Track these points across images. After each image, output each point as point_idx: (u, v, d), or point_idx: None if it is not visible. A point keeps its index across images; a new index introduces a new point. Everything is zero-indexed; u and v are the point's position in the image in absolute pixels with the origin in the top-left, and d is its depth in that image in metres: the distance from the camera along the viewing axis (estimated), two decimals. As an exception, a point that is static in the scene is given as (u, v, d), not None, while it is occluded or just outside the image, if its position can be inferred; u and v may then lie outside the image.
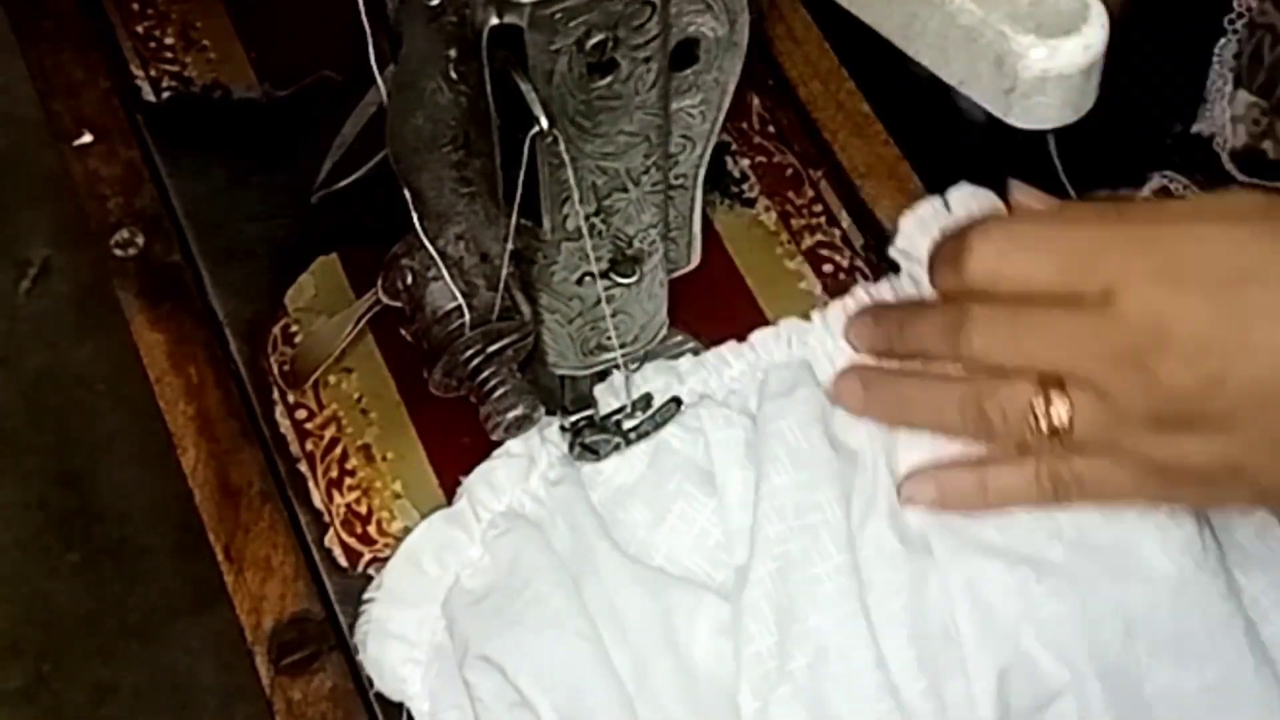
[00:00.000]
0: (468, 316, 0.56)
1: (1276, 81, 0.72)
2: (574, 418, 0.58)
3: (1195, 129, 0.75)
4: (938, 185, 0.67)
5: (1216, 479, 0.53)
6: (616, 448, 0.59)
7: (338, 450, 0.62)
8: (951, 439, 0.57)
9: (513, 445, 0.59)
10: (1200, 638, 0.55)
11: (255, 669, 0.58)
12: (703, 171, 0.54)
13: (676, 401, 0.59)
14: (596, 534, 0.56)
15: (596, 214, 0.50)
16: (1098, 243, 0.52)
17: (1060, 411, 0.52)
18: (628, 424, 0.59)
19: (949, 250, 0.55)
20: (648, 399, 0.59)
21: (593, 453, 0.58)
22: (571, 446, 0.58)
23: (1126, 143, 0.76)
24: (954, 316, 0.54)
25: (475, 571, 0.57)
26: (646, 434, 0.59)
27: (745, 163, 0.68)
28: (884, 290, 0.61)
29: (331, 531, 0.60)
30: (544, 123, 0.47)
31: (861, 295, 0.61)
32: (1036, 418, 0.53)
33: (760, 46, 0.70)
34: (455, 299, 0.56)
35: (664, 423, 0.59)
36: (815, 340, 0.60)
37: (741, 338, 0.61)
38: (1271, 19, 0.71)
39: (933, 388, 0.57)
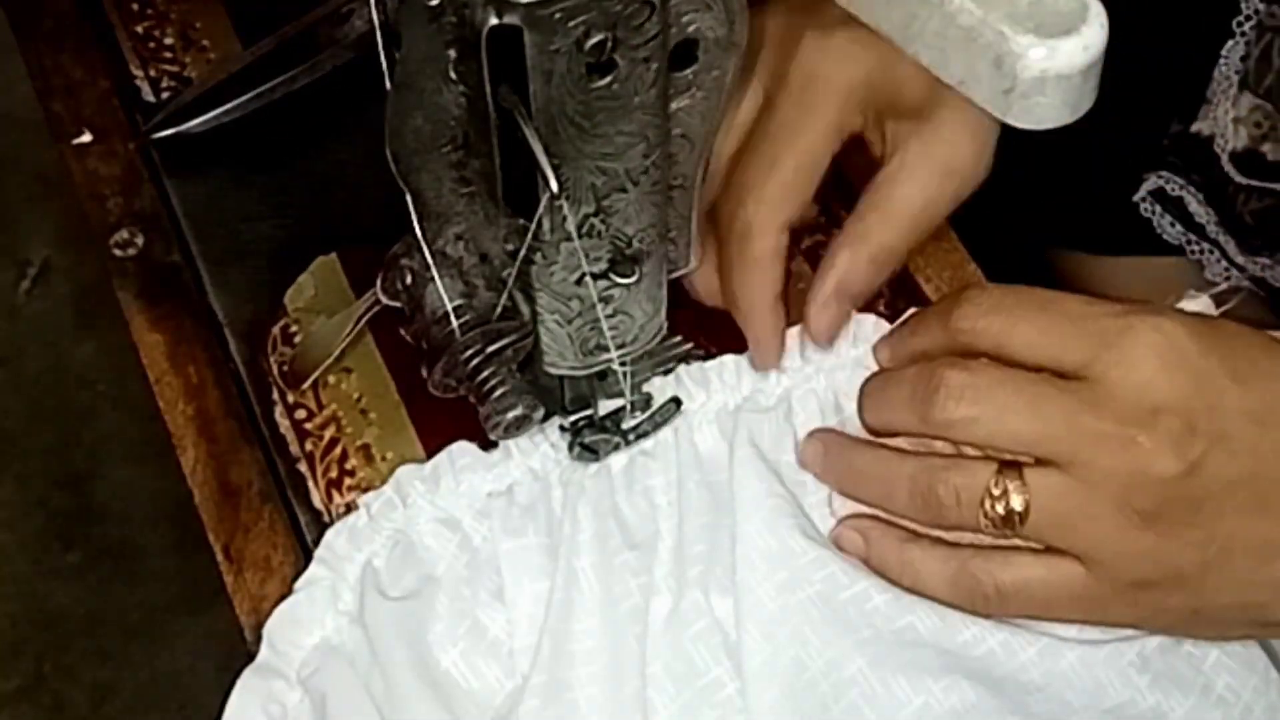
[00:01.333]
0: (455, 321, 0.56)
1: (1271, 80, 0.72)
2: (573, 418, 0.58)
3: (1195, 128, 0.75)
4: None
5: (1158, 585, 0.51)
6: (616, 447, 0.59)
7: (337, 450, 0.62)
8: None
9: (316, 570, 0.57)
10: None
11: (255, 669, 0.58)
12: (702, 171, 0.54)
13: (676, 402, 0.59)
14: (404, 666, 0.55)
15: (596, 214, 0.50)
16: (1086, 314, 0.51)
17: (1016, 501, 0.51)
18: (627, 424, 0.59)
19: (940, 307, 0.55)
20: (647, 399, 0.59)
21: (592, 453, 0.58)
22: (571, 447, 0.58)
23: (1124, 142, 0.76)
24: (925, 379, 0.53)
25: (297, 716, 0.56)
26: (645, 434, 0.59)
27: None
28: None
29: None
30: (554, 186, 0.47)
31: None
32: (991, 505, 0.51)
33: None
34: (455, 299, 0.56)
35: (663, 423, 0.59)
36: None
37: (741, 338, 0.61)
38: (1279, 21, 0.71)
39: (885, 461, 0.55)
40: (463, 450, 0.58)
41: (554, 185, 0.47)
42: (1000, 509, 0.51)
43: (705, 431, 0.59)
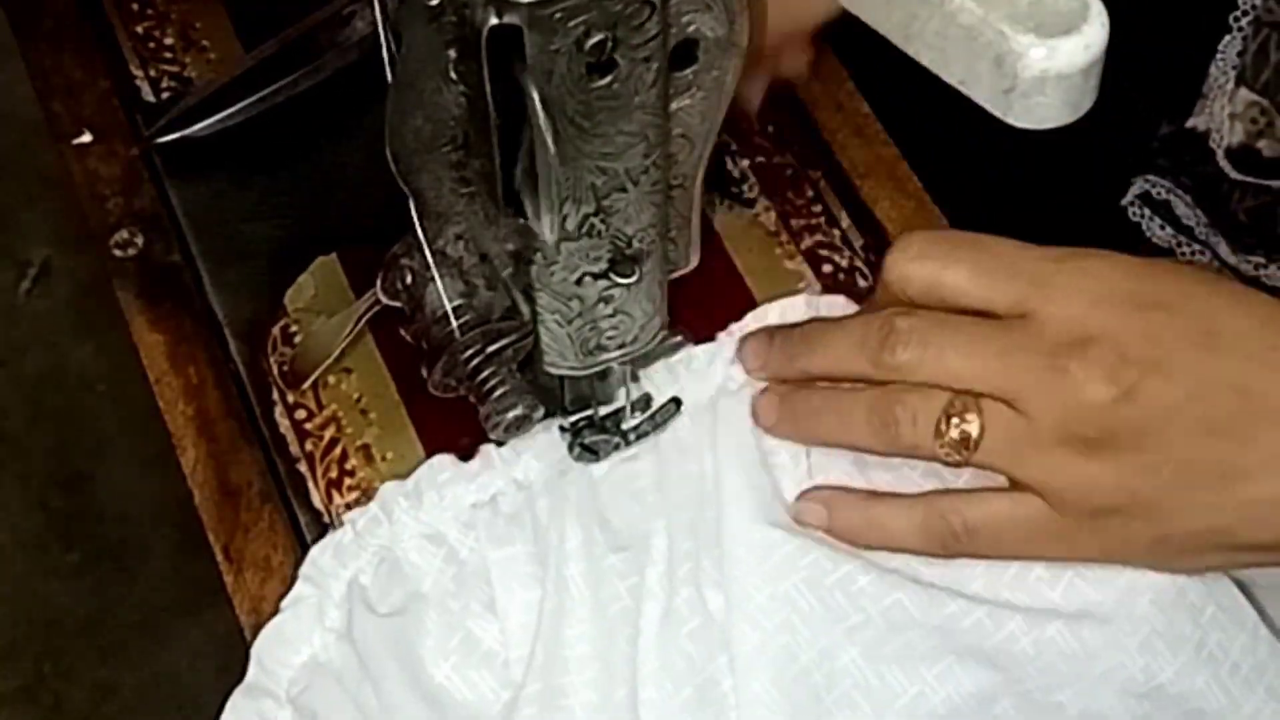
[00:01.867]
0: (455, 321, 0.56)
1: (1274, 81, 0.72)
2: (573, 418, 0.58)
3: (1191, 124, 0.75)
4: (937, 185, 0.67)
5: (1119, 512, 0.51)
6: (616, 448, 0.59)
7: (337, 450, 0.62)
8: (860, 457, 0.56)
9: (302, 588, 0.57)
10: None
11: (255, 669, 0.58)
12: (702, 171, 0.54)
13: (676, 402, 0.59)
14: (397, 681, 0.55)
15: (596, 214, 0.50)
16: (1017, 256, 0.52)
17: (971, 425, 0.51)
18: (627, 424, 0.59)
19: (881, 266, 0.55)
20: (647, 399, 0.59)
21: (592, 453, 0.58)
22: (571, 447, 0.58)
23: (1113, 144, 0.76)
24: (876, 328, 0.53)
25: None
26: (646, 434, 0.59)
27: (745, 163, 0.68)
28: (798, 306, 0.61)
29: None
30: (552, 148, 0.47)
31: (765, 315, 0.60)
32: (946, 427, 0.52)
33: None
34: (455, 299, 0.56)
35: (664, 423, 0.59)
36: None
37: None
38: (1278, 17, 0.71)
39: (842, 395, 0.56)
40: (442, 464, 0.58)
41: (551, 147, 0.47)
42: (956, 433, 0.52)
43: (683, 425, 0.59)
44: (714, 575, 0.55)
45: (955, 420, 0.52)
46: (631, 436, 0.59)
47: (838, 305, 0.61)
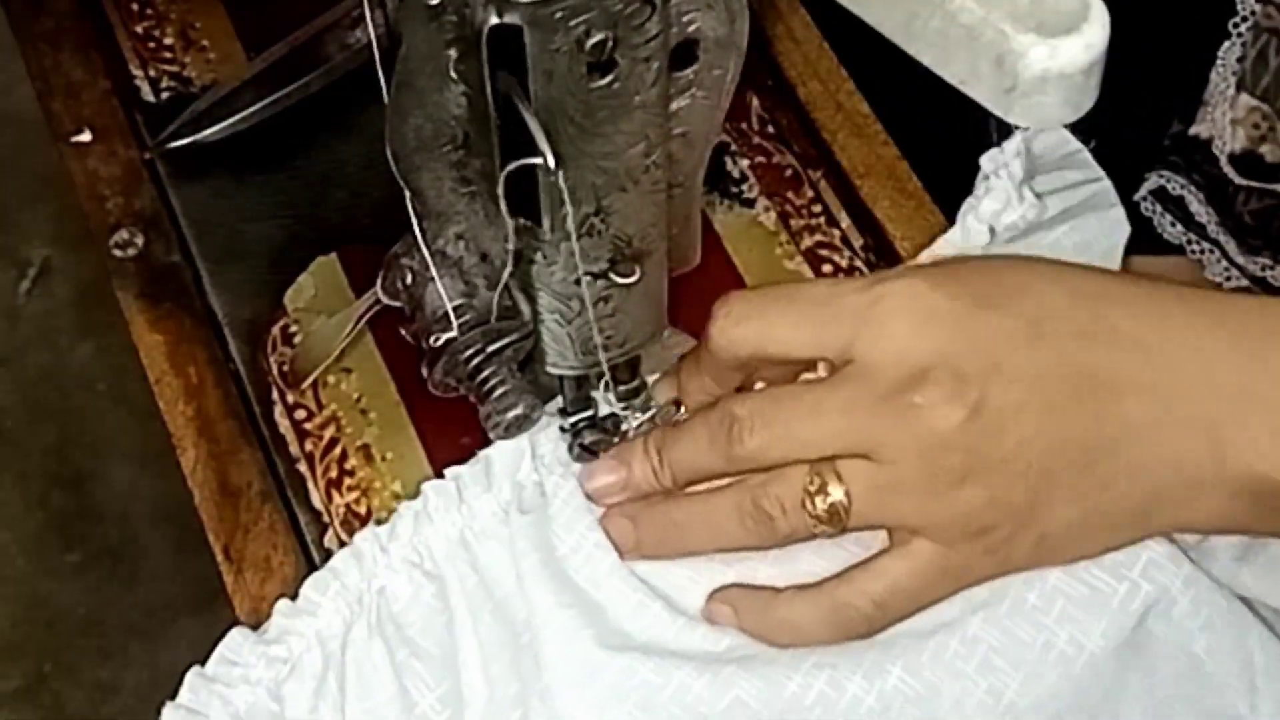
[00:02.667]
0: (455, 321, 0.56)
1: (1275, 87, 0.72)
2: (573, 418, 0.58)
3: (1193, 131, 0.75)
4: (937, 185, 0.67)
5: (998, 527, 0.51)
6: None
7: (337, 450, 0.62)
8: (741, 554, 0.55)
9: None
10: None
11: (255, 669, 0.58)
12: (703, 171, 0.54)
13: (676, 404, 0.59)
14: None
15: (596, 214, 0.50)
16: (831, 298, 0.52)
17: (836, 493, 0.51)
18: (627, 425, 0.58)
19: (694, 351, 0.55)
20: (647, 400, 0.59)
21: (591, 453, 0.58)
22: (571, 448, 0.58)
23: (1124, 141, 0.76)
24: (717, 423, 0.52)
25: None
26: (645, 434, 0.58)
27: (745, 163, 0.68)
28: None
29: (331, 531, 0.60)
30: (551, 162, 0.47)
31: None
32: (813, 504, 0.51)
33: (760, 46, 0.70)
34: (455, 299, 0.56)
35: (664, 424, 0.59)
36: None
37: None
38: (1277, 23, 0.71)
39: (704, 501, 0.54)
40: (239, 637, 0.58)
41: (550, 161, 0.47)
42: (823, 504, 0.51)
43: (486, 547, 0.57)
44: (543, 712, 0.53)
45: (818, 495, 0.51)
46: (631, 436, 0.58)
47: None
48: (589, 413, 0.58)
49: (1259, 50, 0.72)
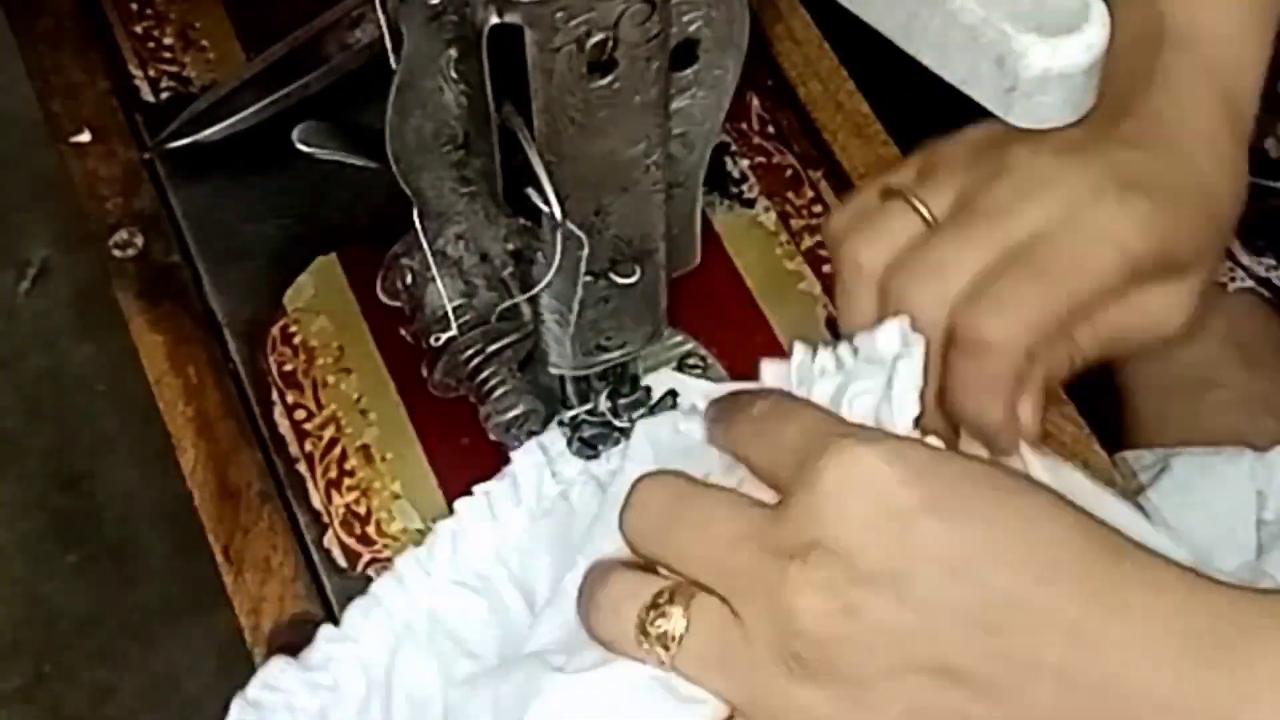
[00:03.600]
0: (455, 321, 0.56)
1: (1274, 80, 0.72)
2: (572, 413, 0.58)
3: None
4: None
5: None
6: (615, 442, 0.58)
7: (337, 450, 0.62)
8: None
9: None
10: None
11: (255, 670, 0.58)
12: (703, 171, 0.54)
13: (672, 394, 0.59)
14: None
15: (596, 214, 0.50)
16: (810, 430, 0.45)
17: (674, 622, 0.44)
18: (624, 420, 0.58)
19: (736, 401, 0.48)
20: (646, 392, 0.59)
21: (591, 448, 0.58)
22: (570, 442, 0.58)
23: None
24: (632, 493, 0.46)
25: None
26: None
27: (745, 163, 0.68)
28: None
29: (330, 532, 0.60)
30: (558, 213, 0.47)
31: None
32: (652, 619, 0.44)
33: (760, 47, 0.70)
34: (455, 299, 0.56)
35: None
36: None
37: (741, 338, 0.61)
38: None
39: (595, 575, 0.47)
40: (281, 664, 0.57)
41: (558, 213, 0.47)
42: (655, 627, 0.44)
43: (522, 559, 0.57)
44: None
45: (657, 613, 0.44)
46: (630, 431, 0.58)
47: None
48: (588, 407, 0.58)
49: None
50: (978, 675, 0.41)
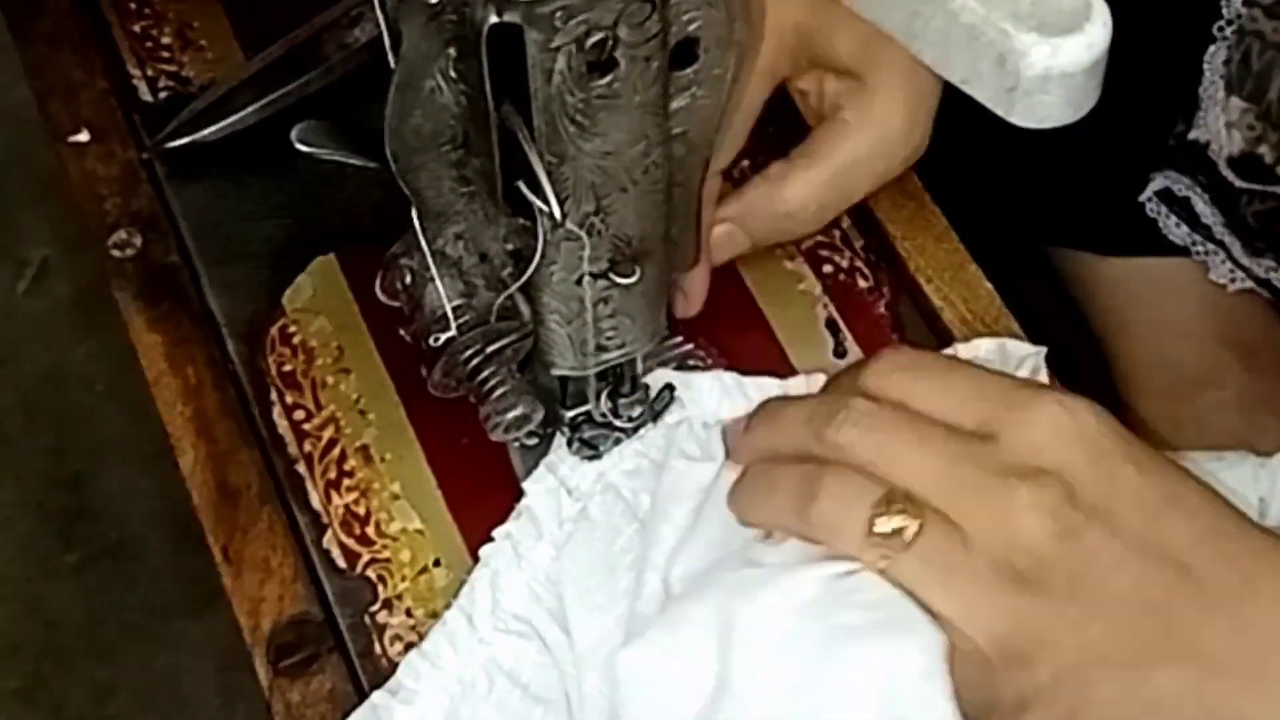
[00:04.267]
0: (454, 321, 0.56)
1: (1265, 88, 0.72)
2: (572, 413, 0.58)
3: (1192, 136, 0.75)
4: (937, 185, 0.67)
5: (1032, 665, 0.47)
6: (616, 442, 0.58)
7: (336, 451, 0.62)
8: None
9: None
10: None
11: (254, 670, 0.58)
12: (703, 172, 0.54)
13: (670, 388, 0.59)
14: None
15: (596, 214, 0.50)
16: (996, 381, 0.50)
17: (910, 523, 0.48)
18: (624, 419, 0.58)
19: (850, 369, 0.53)
20: (645, 389, 0.59)
21: (592, 448, 0.58)
22: (570, 443, 0.58)
23: (1129, 141, 0.76)
24: (834, 404, 0.50)
25: None
26: (644, 422, 0.58)
27: (745, 163, 0.68)
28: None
29: (330, 532, 0.60)
30: (558, 214, 0.47)
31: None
32: (882, 517, 0.48)
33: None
34: (454, 299, 0.56)
35: (660, 413, 0.59)
36: None
37: (741, 338, 0.61)
38: (1260, 25, 0.71)
39: (776, 471, 0.52)
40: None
41: (558, 213, 0.47)
42: (890, 525, 0.48)
43: (556, 591, 0.57)
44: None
45: (891, 510, 0.48)
46: (631, 430, 0.58)
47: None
48: (587, 408, 0.58)
49: (1243, 53, 0.72)
50: (1167, 608, 0.46)
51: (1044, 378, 0.58)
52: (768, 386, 0.58)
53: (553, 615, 0.56)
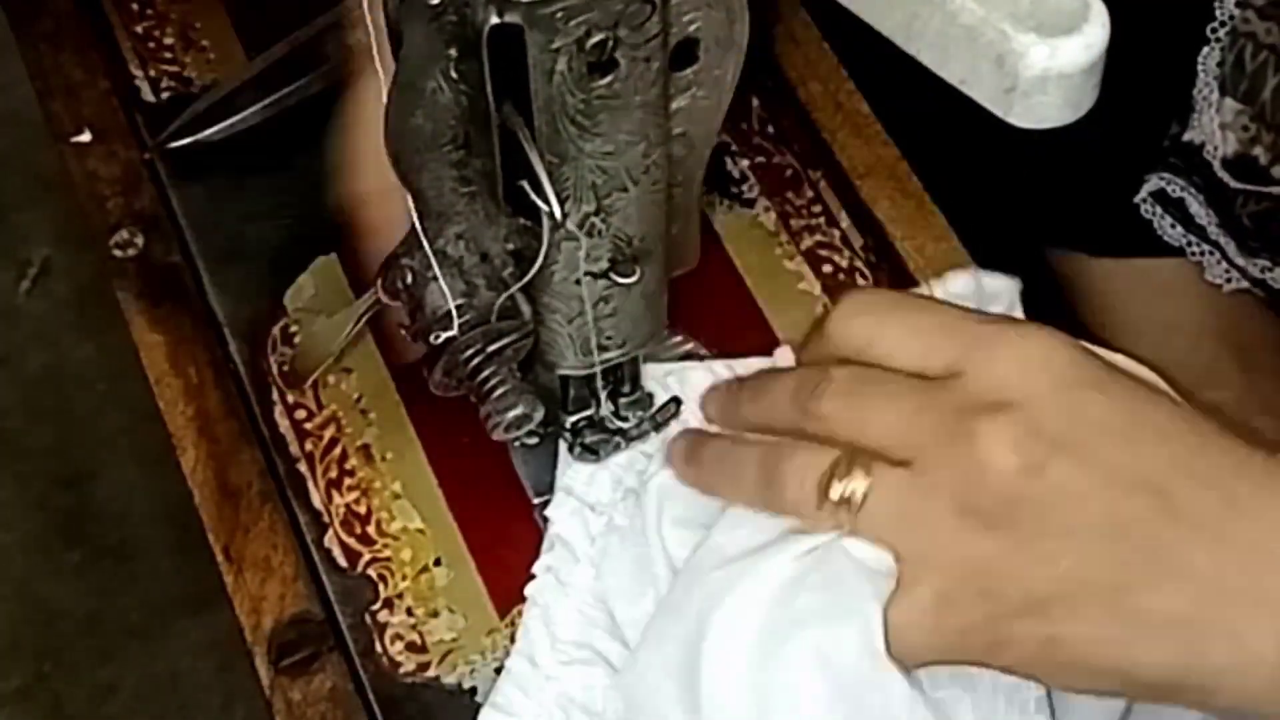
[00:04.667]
0: (455, 321, 0.56)
1: (1259, 89, 0.72)
2: (574, 418, 0.58)
3: (1186, 137, 0.75)
4: (937, 185, 0.67)
5: (1007, 600, 0.46)
6: (616, 447, 0.58)
7: (337, 450, 0.62)
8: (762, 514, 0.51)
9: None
10: None
11: (255, 669, 0.58)
12: (702, 171, 0.54)
13: (676, 401, 0.59)
14: None
15: (596, 214, 0.50)
16: (957, 319, 0.49)
17: (856, 485, 0.47)
18: (627, 424, 0.58)
19: (819, 319, 0.53)
20: (649, 398, 0.59)
21: (593, 453, 0.58)
22: (571, 448, 0.58)
23: (1124, 143, 0.76)
24: (813, 375, 0.50)
25: None
26: (645, 433, 0.58)
27: (745, 163, 0.68)
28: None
29: (331, 532, 0.60)
30: (558, 213, 0.48)
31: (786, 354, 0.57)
32: (831, 485, 0.48)
33: (760, 47, 0.70)
34: (455, 298, 0.56)
35: (664, 423, 0.59)
36: None
37: (741, 338, 0.61)
38: (1253, 27, 0.71)
39: (739, 448, 0.52)
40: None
41: (558, 213, 0.47)
42: (839, 492, 0.47)
43: (607, 610, 0.57)
44: None
45: (838, 480, 0.48)
46: (633, 434, 0.58)
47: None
48: (589, 412, 0.58)
49: (1236, 55, 0.72)
50: (1140, 534, 0.45)
51: (1019, 313, 0.57)
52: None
53: (609, 632, 0.57)
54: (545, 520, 0.59)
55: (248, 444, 0.62)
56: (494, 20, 0.44)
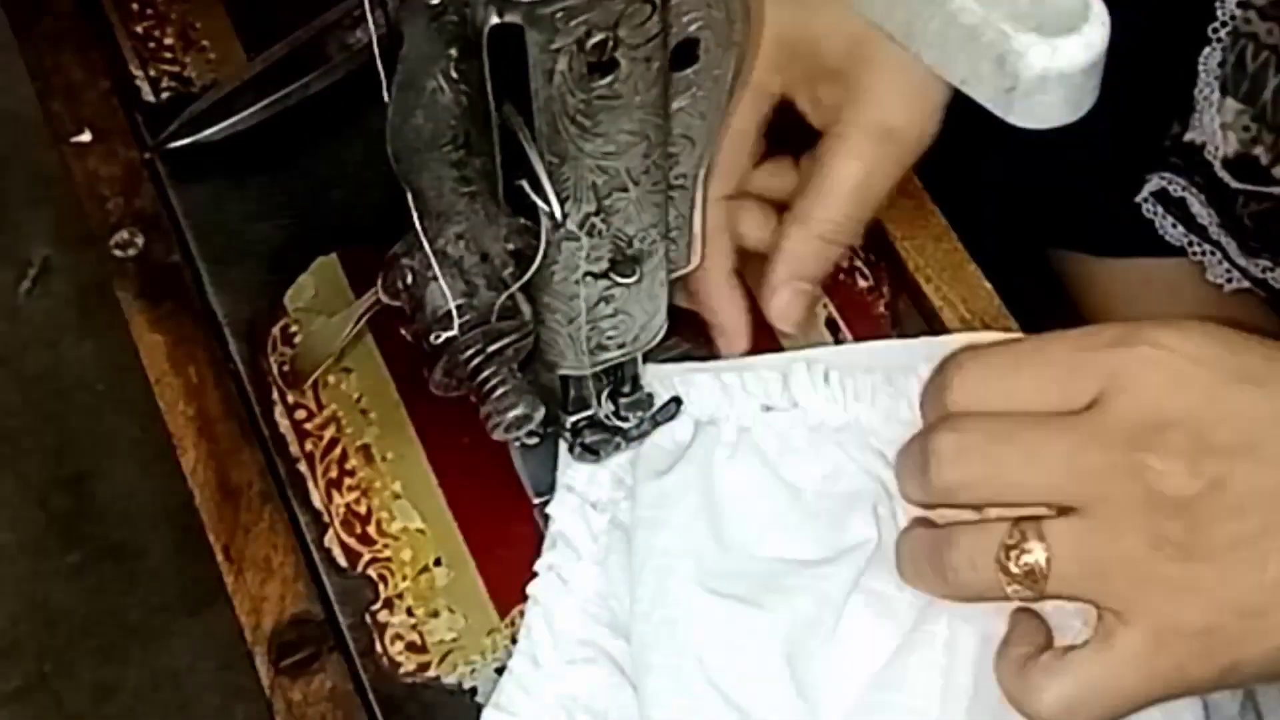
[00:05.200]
0: (456, 321, 0.56)
1: (1260, 89, 0.72)
2: (574, 418, 0.58)
3: (1187, 137, 0.75)
4: (937, 185, 0.67)
5: (1225, 627, 0.44)
6: (617, 447, 0.58)
7: (337, 450, 0.62)
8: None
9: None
10: None
11: (255, 669, 0.58)
12: (703, 172, 0.54)
13: (676, 401, 0.59)
14: None
15: (596, 214, 0.50)
16: (1086, 348, 0.47)
17: (1035, 554, 0.45)
18: (628, 424, 0.58)
19: (930, 389, 0.50)
20: (649, 398, 0.59)
21: (593, 453, 0.58)
22: (572, 448, 0.58)
23: (1126, 143, 0.76)
24: (916, 451, 0.48)
25: None
26: (645, 433, 0.58)
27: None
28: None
29: (331, 532, 0.60)
30: (558, 214, 0.48)
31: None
32: (1008, 561, 0.46)
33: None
34: (455, 298, 0.56)
35: (664, 423, 0.59)
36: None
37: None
38: (1254, 27, 0.71)
39: (912, 540, 0.50)
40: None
41: (558, 213, 0.47)
42: (1020, 565, 0.46)
43: (611, 605, 0.57)
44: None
45: (1015, 552, 0.45)
46: (633, 434, 0.58)
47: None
48: (589, 412, 0.58)
49: (1237, 55, 0.72)
50: None
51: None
52: (770, 383, 0.58)
53: (612, 629, 0.57)
54: (546, 520, 0.59)
55: (248, 444, 0.62)
56: (494, 20, 0.44)
